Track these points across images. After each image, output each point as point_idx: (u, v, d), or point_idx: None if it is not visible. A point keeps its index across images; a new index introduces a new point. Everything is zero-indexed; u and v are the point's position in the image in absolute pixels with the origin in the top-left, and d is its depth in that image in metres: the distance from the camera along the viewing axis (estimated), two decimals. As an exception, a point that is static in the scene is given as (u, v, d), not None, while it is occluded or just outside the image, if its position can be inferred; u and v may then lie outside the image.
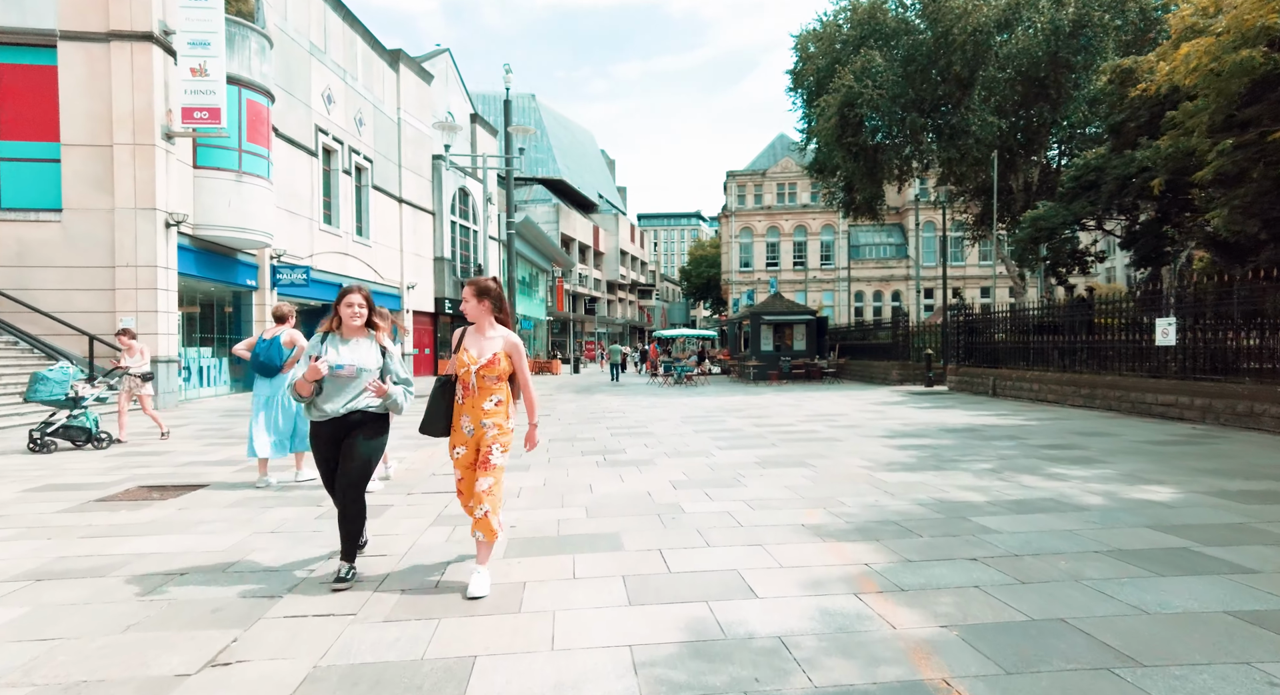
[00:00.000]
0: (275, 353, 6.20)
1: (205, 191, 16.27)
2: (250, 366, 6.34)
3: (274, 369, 6.23)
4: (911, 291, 58.84)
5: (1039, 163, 22.58)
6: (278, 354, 6.21)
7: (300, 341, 6.31)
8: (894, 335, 21.81)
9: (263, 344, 6.25)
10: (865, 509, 5.23)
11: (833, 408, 13.89)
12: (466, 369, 3.67)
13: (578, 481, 6.59)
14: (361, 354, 3.84)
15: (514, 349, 3.75)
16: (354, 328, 3.86)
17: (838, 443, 8.84)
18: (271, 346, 6.21)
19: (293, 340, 6.32)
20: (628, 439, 9.66)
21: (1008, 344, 15.70)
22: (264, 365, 6.21)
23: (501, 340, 3.74)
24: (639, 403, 16.28)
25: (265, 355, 6.19)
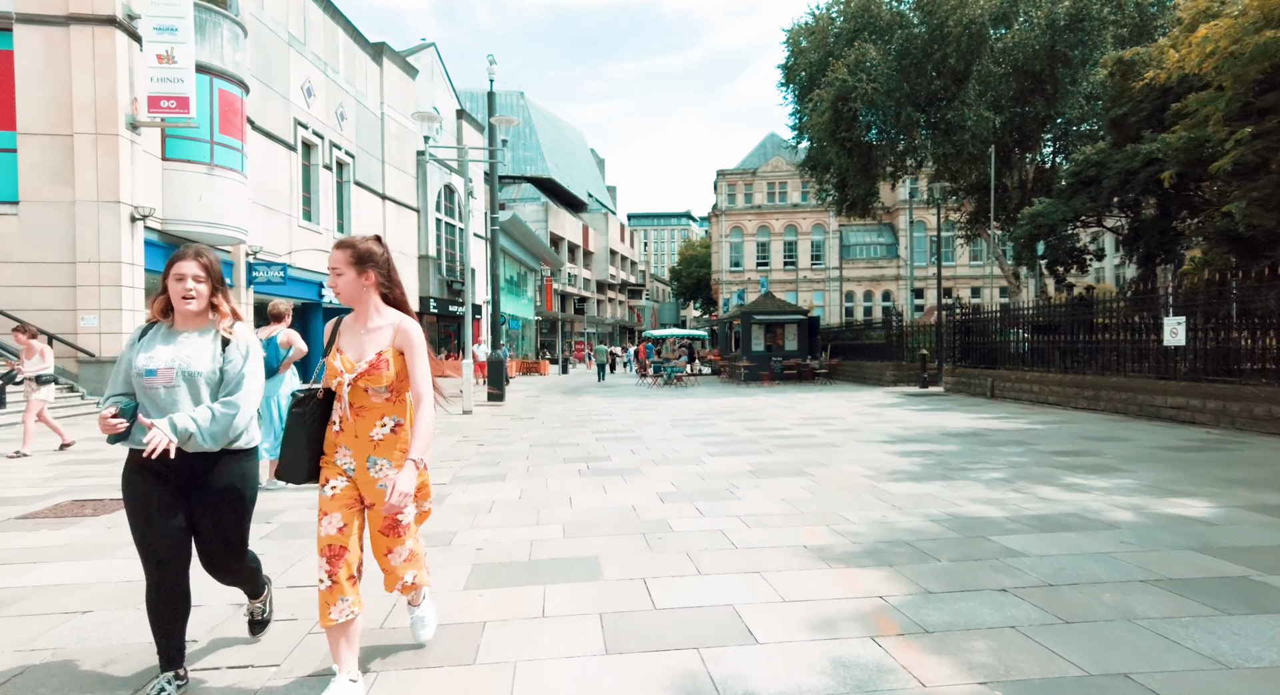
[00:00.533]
0: (271, 353, 5.97)
1: (175, 185, 15.59)
2: None
3: (270, 370, 5.98)
4: (903, 291, 58.65)
5: (1034, 160, 22.23)
6: (274, 354, 5.99)
7: (297, 342, 6.14)
8: (888, 335, 21.39)
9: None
10: (872, 526, 4.72)
11: (828, 410, 13.40)
12: (339, 380, 2.48)
13: (557, 493, 6.04)
14: (191, 351, 2.50)
15: (407, 343, 2.53)
16: (188, 314, 2.52)
17: (836, 449, 8.34)
18: (267, 347, 5.96)
19: (289, 340, 6.10)
20: (613, 444, 9.12)
21: (1005, 344, 15.29)
22: None
23: (390, 331, 2.54)
24: (627, 405, 15.74)
25: None
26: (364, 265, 2.54)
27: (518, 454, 8.44)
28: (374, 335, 2.55)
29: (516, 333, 48.52)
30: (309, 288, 23.47)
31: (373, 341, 2.54)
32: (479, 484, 6.56)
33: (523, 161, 76.88)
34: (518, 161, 76.84)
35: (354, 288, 2.55)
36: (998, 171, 22.82)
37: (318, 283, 23.93)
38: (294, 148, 22.54)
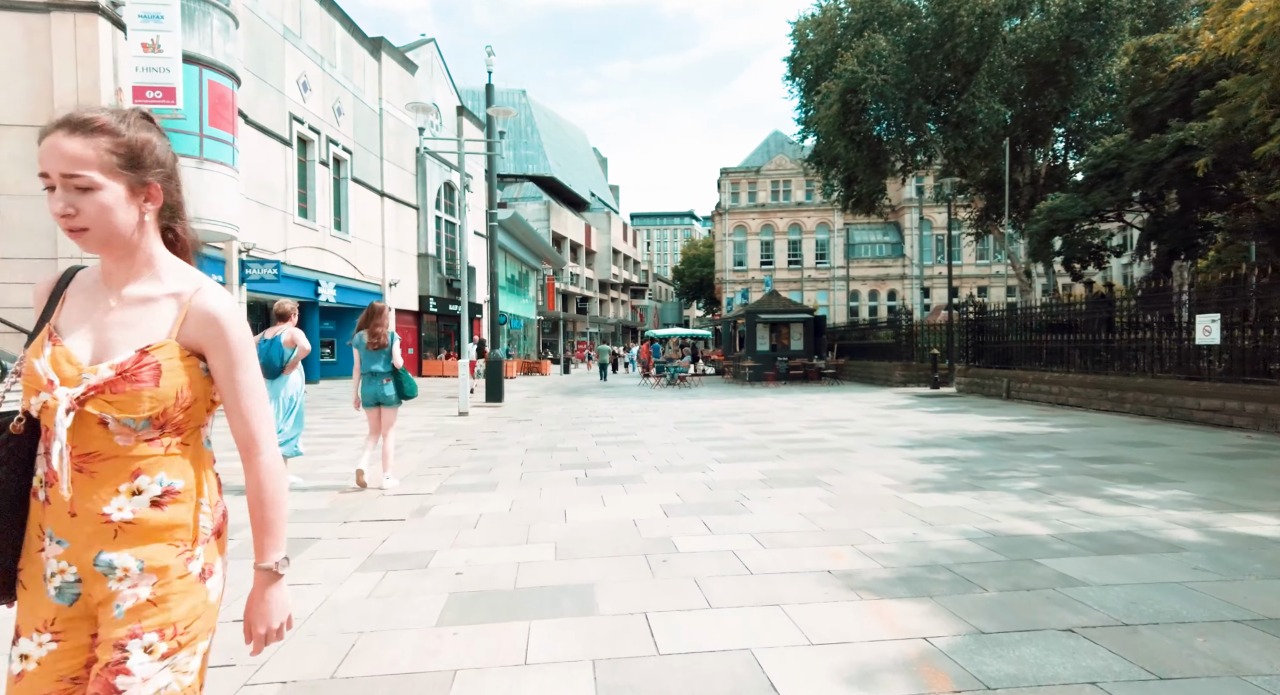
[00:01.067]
0: (276, 353, 5.87)
1: (162, 179, 15.10)
2: None
3: (275, 370, 5.88)
4: (909, 291, 58.04)
5: (1046, 155, 21.66)
6: (278, 355, 5.88)
7: (302, 342, 5.99)
8: (897, 335, 20.84)
9: (263, 344, 5.87)
10: (904, 546, 4.20)
11: (837, 412, 12.87)
12: (43, 399, 1.21)
13: (551, 505, 5.52)
14: None
15: (216, 335, 1.28)
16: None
17: (851, 454, 7.81)
18: (272, 347, 5.87)
19: (294, 340, 5.97)
20: (614, 449, 8.60)
21: (1021, 343, 14.73)
22: (264, 367, 5.78)
23: (175, 307, 1.28)
24: (629, 406, 15.22)
25: (265, 356, 5.82)
26: (139, 171, 1.25)
27: (512, 459, 7.93)
28: (138, 312, 1.27)
29: (518, 332, 48.05)
30: (304, 286, 23.00)
31: (134, 324, 1.26)
32: (467, 494, 6.04)
33: (524, 160, 76.40)
34: (519, 160, 76.38)
35: (117, 216, 1.23)
36: (1009, 167, 22.25)
37: (313, 280, 23.46)
38: (289, 143, 22.07)
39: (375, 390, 6.19)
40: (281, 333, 5.95)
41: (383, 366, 6.17)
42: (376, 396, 6.21)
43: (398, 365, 6.20)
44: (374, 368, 6.18)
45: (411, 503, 5.73)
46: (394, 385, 6.20)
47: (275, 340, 5.91)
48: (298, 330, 6.03)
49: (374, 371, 6.18)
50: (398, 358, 6.21)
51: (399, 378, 6.20)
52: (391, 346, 6.18)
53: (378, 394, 6.19)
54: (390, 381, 6.19)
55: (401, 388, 6.22)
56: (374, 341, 6.12)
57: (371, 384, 6.20)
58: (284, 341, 5.93)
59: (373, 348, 6.13)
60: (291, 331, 5.98)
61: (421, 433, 10.50)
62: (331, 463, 7.72)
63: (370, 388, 6.21)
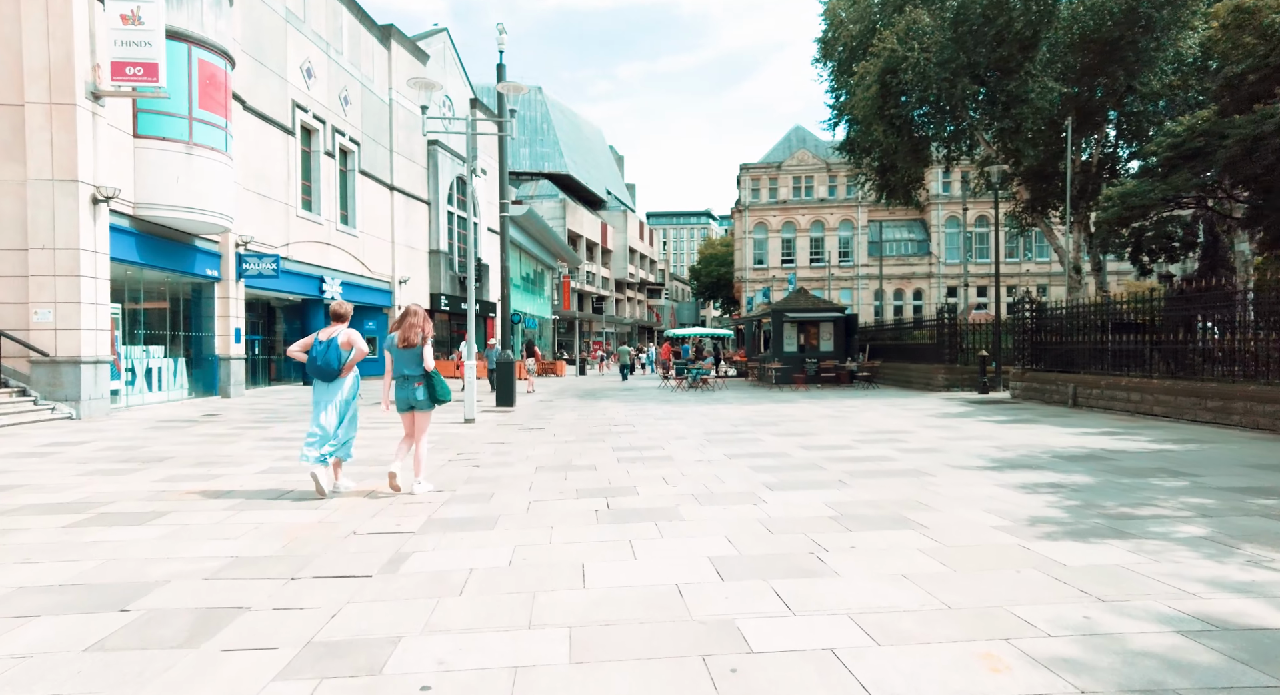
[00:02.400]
0: (334, 355, 5.80)
1: (148, 165, 14.02)
2: (308, 370, 5.92)
3: (332, 373, 5.82)
4: (934, 290, 56.24)
5: (1098, 142, 20.01)
6: (336, 356, 5.81)
7: (358, 343, 5.88)
8: (939, 334, 19.32)
9: (319, 346, 5.80)
10: (1086, 644, 2.82)
11: (887, 421, 11.44)
12: None
13: (564, 556, 4.20)
14: None
15: None
16: None
17: (930, 479, 6.41)
18: (329, 348, 5.79)
19: (350, 341, 5.88)
20: (639, 468, 7.27)
21: (1088, 344, 13.20)
22: (321, 369, 5.80)
23: None
24: (650, 411, 13.89)
25: (323, 358, 5.78)
26: None
27: (519, 481, 6.62)
28: None
29: (533, 332, 46.91)
30: (308, 282, 21.92)
31: None
32: (458, 534, 4.74)
33: (540, 158, 75.38)
34: (535, 158, 75.37)
35: None
36: (1057, 154, 20.64)
37: (318, 277, 22.38)
38: (291, 131, 20.98)
39: (407, 393, 5.93)
40: (338, 334, 5.82)
41: (414, 369, 5.90)
42: (409, 400, 5.94)
43: (429, 367, 5.92)
44: (406, 370, 5.90)
45: (386, 546, 4.44)
46: (425, 388, 5.92)
47: (332, 342, 5.78)
48: (354, 331, 5.92)
49: (406, 374, 5.90)
50: (429, 360, 5.92)
51: (430, 381, 5.93)
52: (422, 348, 5.90)
53: (410, 397, 5.93)
54: (422, 385, 5.91)
55: (433, 391, 5.94)
56: (404, 343, 5.84)
57: (404, 387, 5.93)
58: (341, 343, 5.80)
59: (403, 349, 5.86)
60: (348, 333, 5.87)
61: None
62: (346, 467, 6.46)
63: (402, 391, 5.94)
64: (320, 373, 5.80)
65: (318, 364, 5.77)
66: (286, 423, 12.02)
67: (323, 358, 5.74)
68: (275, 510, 5.49)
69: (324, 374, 5.79)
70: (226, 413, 13.87)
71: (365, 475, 6.89)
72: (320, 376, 5.83)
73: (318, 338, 5.82)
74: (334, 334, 5.84)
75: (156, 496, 6.03)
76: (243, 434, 10.47)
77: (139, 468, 7.53)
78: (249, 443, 9.52)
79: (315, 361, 5.78)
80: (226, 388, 17.55)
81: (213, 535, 4.77)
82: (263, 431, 10.77)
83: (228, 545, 4.52)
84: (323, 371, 5.79)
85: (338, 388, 5.86)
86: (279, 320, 24.22)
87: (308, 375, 6.04)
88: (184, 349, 17.11)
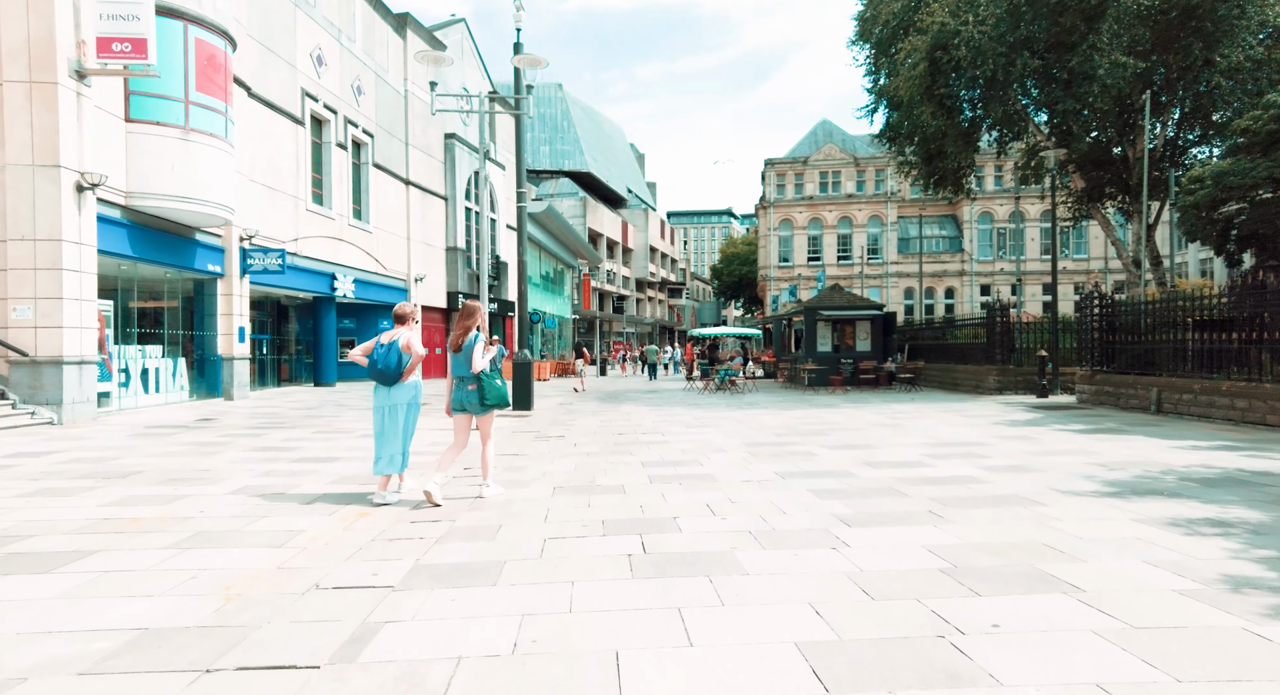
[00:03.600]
0: (394, 359, 5.61)
1: (141, 151, 13.10)
2: (369, 374, 5.73)
3: (392, 376, 5.62)
4: (966, 287, 54.31)
5: (1163, 125, 18.39)
6: (396, 360, 5.61)
7: (416, 346, 5.67)
8: (989, 333, 17.86)
9: (380, 350, 5.61)
10: None
11: (952, 431, 10.11)
12: None
13: (588, 639, 3.00)
14: None
15: None
16: None
17: (1043, 510, 5.13)
18: (390, 352, 5.60)
19: (410, 344, 5.67)
20: (677, 491, 6.06)
21: (1173, 344, 11.73)
22: (381, 372, 5.61)
23: None
24: (679, 417, 12.67)
25: (383, 361, 5.59)
26: None
27: (531, 508, 5.45)
28: None
29: (552, 332, 45.90)
30: (319, 279, 21.01)
31: None
32: (449, 593, 3.57)
33: (560, 156, 74.51)
34: (555, 155, 74.51)
35: None
36: (1115, 139, 19.07)
37: (329, 274, 21.46)
38: (301, 121, 20.08)
39: (461, 396, 5.70)
40: (399, 337, 5.63)
41: (466, 371, 5.66)
42: (463, 403, 5.70)
43: (475, 369, 5.61)
44: (460, 372, 5.71)
45: (352, 610, 3.29)
46: (477, 392, 5.62)
47: (393, 345, 5.58)
48: (415, 335, 5.75)
49: (460, 376, 5.71)
50: (477, 361, 5.61)
51: (481, 383, 5.62)
52: (471, 349, 5.63)
53: (464, 400, 5.69)
54: (475, 387, 5.63)
55: (484, 394, 5.61)
56: (455, 345, 5.69)
57: (459, 389, 5.72)
58: (401, 346, 5.60)
59: (454, 350, 5.70)
60: (409, 336, 5.67)
61: (423, 455, 8.12)
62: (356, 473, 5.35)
63: (457, 393, 5.72)
64: (380, 377, 5.60)
65: (378, 368, 5.57)
66: (284, 429, 10.99)
67: (383, 361, 5.54)
68: (228, 548, 4.37)
69: (384, 378, 5.59)
70: (225, 417, 12.90)
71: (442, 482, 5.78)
72: (380, 380, 5.64)
73: (379, 341, 5.63)
74: (395, 337, 5.64)
75: (93, 527, 4.95)
76: (232, 442, 9.44)
77: (95, 486, 6.48)
78: (235, 453, 8.47)
79: (375, 365, 5.57)
80: (230, 390, 16.64)
81: (131, 590, 3.65)
82: (255, 439, 9.74)
83: (142, 608, 3.39)
84: (383, 375, 5.58)
85: (398, 392, 5.66)
86: (291, 319, 23.38)
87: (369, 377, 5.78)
88: (185, 349, 16.22)
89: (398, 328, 5.75)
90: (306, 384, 23.09)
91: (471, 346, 5.63)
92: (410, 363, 5.65)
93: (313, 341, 23.11)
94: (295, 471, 7.20)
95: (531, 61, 11.77)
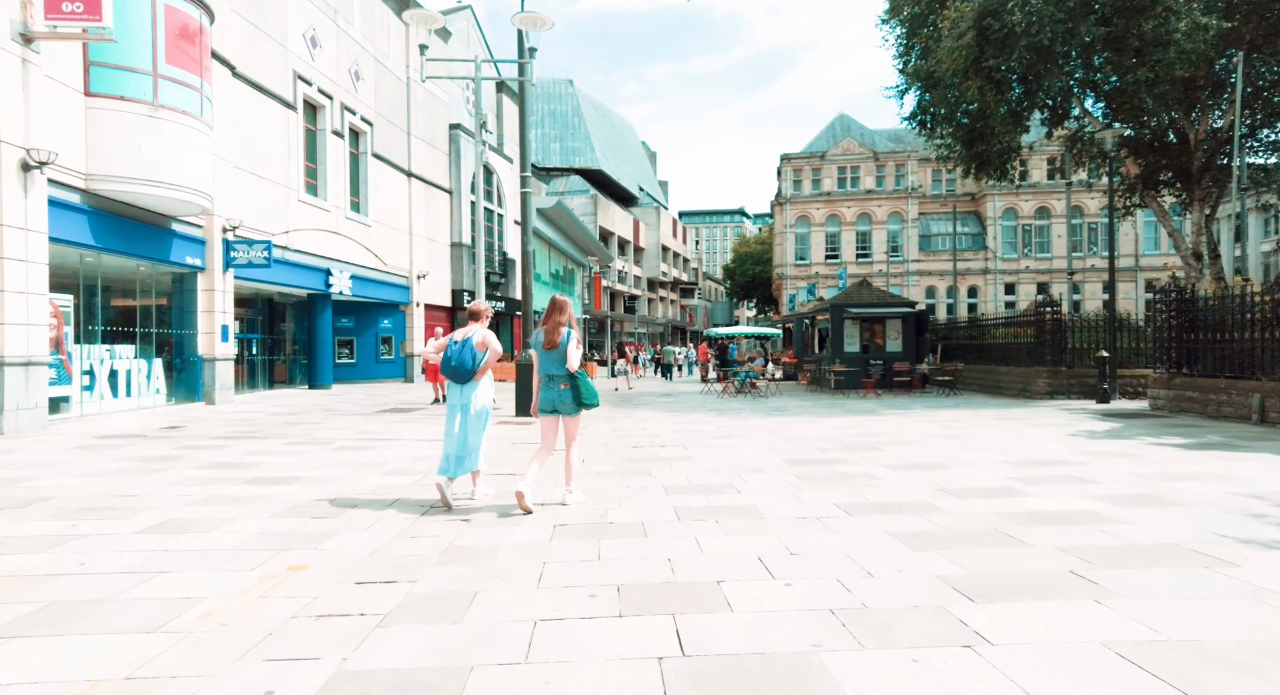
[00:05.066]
0: (468, 356, 5.41)
1: (103, 129, 11.83)
2: (442, 372, 5.47)
3: (466, 374, 5.40)
4: (990, 286, 52.48)
5: (1232, 101, 16.70)
6: (471, 357, 5.41)
7: (493, 343, 5.52)
8: (1038, 332, 16.27)
9: (454, 347, 5.44)
10: None
11: (1024, 443, 8.60)
12: None
13: None
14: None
15: None
16: None
17: (1234, 571, 3.65)
18: (464, 349, 5.43)
19: (485, 341, 5.49)
20: (715, 535, 4.61)
21: (1275, 343, 10.15)
22: (455, 370, 5.40)
23: None
24: (703, 427, 11.23)
25: (457, 358, 5.41)
26: None
27: (522, 563, 4.02)
28: None
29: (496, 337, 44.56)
30: (313, 275, 19.73)
31: None
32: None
33: (571, 152, 73.27)
34: (566, 152, 73.28)
35: None
36: (1176, 121, 17.39)
37: (324, 270, 20.18)
38: (293, 106, 18.81)
39: (551, 396, 5.41)
40: (473, 334, 5.51)
41: (559, 369, 5.37)
42: (553, 403, 5.41)
43: (572, 368, 5.36)
44: (550, 371, 5.41)
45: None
46: (571, 391, 5.36)
47: (467, 342, 5.47)
48: (490, 332, 5.59)
49: (551, 375, 5.42)
50: (573, 359, 5.34)
51: (575, 382, 5.37)
52: (566, 346, 5.34)
53: (554, 400, 5.41)
54: (568, 386, 5.36)
55: (579, 394, 5.36)
56: (548, 342, 5.36)
57: (548, 389, 5.42)
58: (475, 343, 5.47)
59: (547, 347, 5.37)
60: (484, 333, 5.56)
61: (395, 476, 6.72)
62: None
63: (546, 393, 5.43)
64: (454, 374, 5.45)
65: (451, 365, 5.43)
66: (254, 440, 9.65)
67: (457, 358, 5.42)
68: (76, 635, 2.98)
69: (458, 376, 5.44)
70: (197, 424, 11.60)
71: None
72: (454, 378, 5.48)
73: (453, 338, 5.52)
74: (469, 334, 5.52)
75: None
76: (185, 457, 8.10)
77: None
78: (180, 471, 7.12)
79: (449, 362, 5.43)
80: (211, 393, 15.36)
81: None
82: (214, 453, 8.39)
83: None
84: (456, 373, 5.44)
85: (472, 391, 5.50)
86: (287, 318, 22.12)
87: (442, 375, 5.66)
88: (162, 349, 14.95)
89: (471, 324, 5.60)
90: (302, 386, 21.83)
91: (566, 343, 5.32)
92: (486, 360, 5.47)
93: (308, 341, 21.84)
94: (240, 497, 5.83)
95: (535, 20, 10.36)
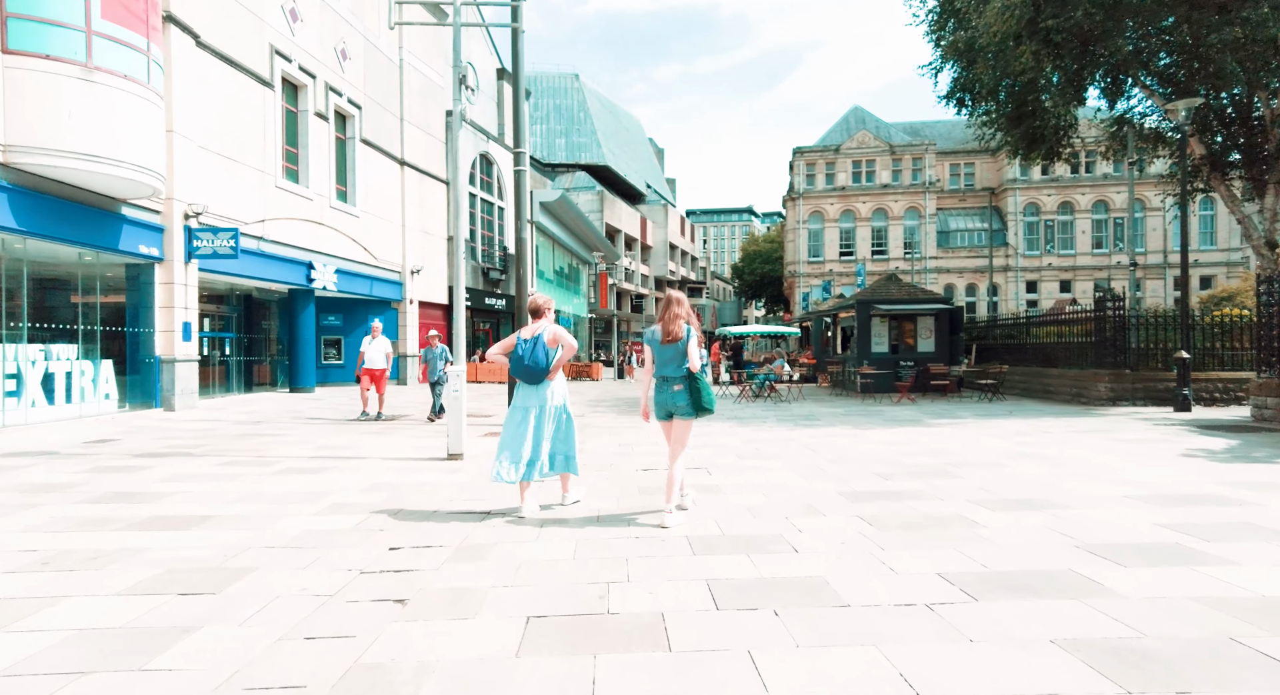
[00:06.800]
0: (540, 354, 5.05)
1: (24, 92, 10.20)
2: (512, 372, 5.16)
3: (540, 373, 5.07)
4: (1011, 284, 50.51)
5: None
6: (544, 355, 5.06)
7: (565, 338, 5.14)
8: (1098, 330, 14.44)
9: (524, 345, 5.10)
10: None
11: (1130, 466, 6.82)
12: None
13: None
14: None
15: None
16: None
17: None
18: (535, 347, 5.07)
19: (557, 337, 5.15)
20: (772, 639, 2.86)
21: None
22: (529, 369, 5.06)
23: None
24: (723, 440, 9.50)
25: (530, 357, 5.05)
26: None
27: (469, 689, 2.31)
28: None
29: (569, 331, 42.92)
30: (293, 268, 18.08)
31: None
32: None
33: (577, 148, 71.67)
34: (572, 148, 71.67)
35: None
36: (1245, 97, 15.56)
37: (305, 262, 18.53)
38: (269, 83, 17.17)
39: (666, 398, 4.84)
40: (542, 331, 5.12)
41: (676, 369, 4.80)
42: (669, 407, 4.84)
43: (694, 367, 4.74)
44: (665, 371, 4.85)
45: None
46: (688, 393, 4.75)
47: (538, 339, 5.08)
48: (559, 328, 5.18)
49: (665, 376, 4.85)
50: (694, 358, 4.73)
51: (696, 384, 4.75)
52: (687, 343, 4.75)
53: (669, 403, 4.83)
54: (682, 388, 4.77)
55: (698, 397, 4.76)
56: (667, 337, 4.77)
57: (663, 390, 4.86)
58: (546, 340, 5.09)
59: (665, 344, 4.79)
60: (553, 329, 5.17)
61: (330, 516, 5.03)
62: None
63: (661, 395, 4.87)
64: (526, 374, 5.03)
65: (524, 364, 5.00)
66: (187, 458, 7.99)
67: (530, 357, 5.00)
68: None
69: (530, 375, 5.03)
70: (135, 436, 9.96)
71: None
72: (526, 379, 5.06)
73: (520, 336, 5.10)
74: (538, 331, 5.12)
75: None
76: (76, 487, 6.44)
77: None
78: (49, 511, 5.46)
79: (522, 361, 5.01)
80: (170, 398, 13.73)
81: None
82: (119, 480, 6.73)
83: None
84: (529, 372, 5.01)
85: (546, 390, 5.11)
86: (271, 316, 20.47)
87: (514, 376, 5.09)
88: (111, 348, 13.33)
89: (536, 321, 5.23)
90: (284, 389, 20.20)
91: (687, 341, 4.81)
92: (560, 356, 5.16)
93: (289, 340, 20.20)
94: (99, 555, 4.15)
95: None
